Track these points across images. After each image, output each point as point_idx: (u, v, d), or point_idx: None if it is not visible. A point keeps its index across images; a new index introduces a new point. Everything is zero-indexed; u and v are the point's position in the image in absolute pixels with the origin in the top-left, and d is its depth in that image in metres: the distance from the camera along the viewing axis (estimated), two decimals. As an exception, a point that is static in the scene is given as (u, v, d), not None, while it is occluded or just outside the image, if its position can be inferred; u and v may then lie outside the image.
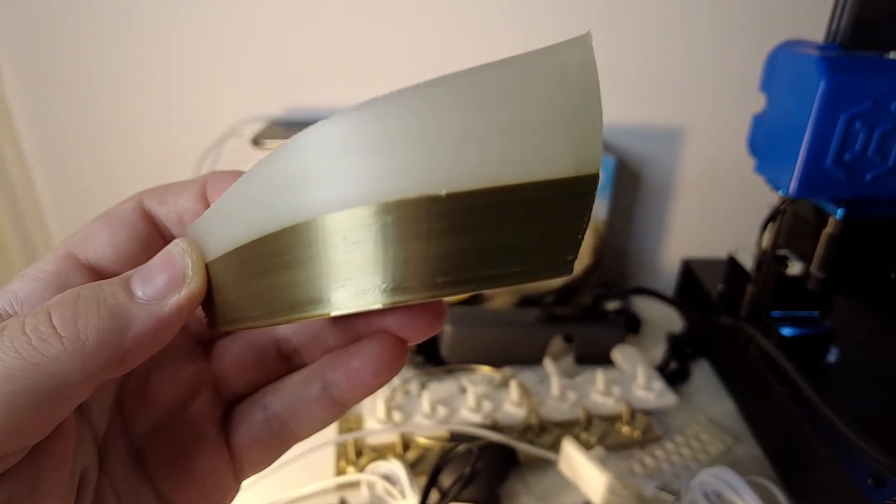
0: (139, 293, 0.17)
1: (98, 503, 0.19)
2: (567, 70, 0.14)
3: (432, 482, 0.41)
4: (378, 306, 0.14)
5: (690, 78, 0.67)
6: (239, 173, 0.19)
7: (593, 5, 0.63)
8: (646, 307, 0.69)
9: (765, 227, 0.47)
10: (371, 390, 0.21)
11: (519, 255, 0.15)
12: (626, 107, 0.68)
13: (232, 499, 0.23)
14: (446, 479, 0.44)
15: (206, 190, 0.20)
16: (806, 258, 0.46)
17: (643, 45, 0.65)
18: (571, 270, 0.16)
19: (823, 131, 0.39)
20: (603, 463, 0.42)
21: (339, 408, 0.22)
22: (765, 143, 0.46)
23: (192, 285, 0.17)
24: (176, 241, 0.18)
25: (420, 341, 0.22)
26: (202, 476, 0.22)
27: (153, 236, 0.21)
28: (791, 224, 0.47)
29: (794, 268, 0.47)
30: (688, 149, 0.70)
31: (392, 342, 0.21)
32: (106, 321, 0.16)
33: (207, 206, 0.20)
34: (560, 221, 0.15)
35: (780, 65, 0.44)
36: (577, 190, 0.15)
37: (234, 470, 0.23)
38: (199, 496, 0.22)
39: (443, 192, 0.14)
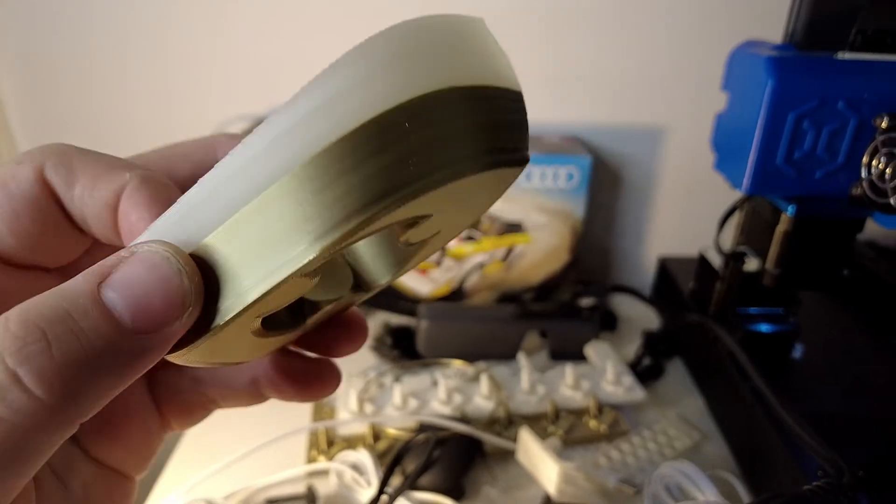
0: (128, 323, 0.14)
1: None
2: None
3: (391, 471, 0.43)
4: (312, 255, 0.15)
5: (671, 78, 0.68)
6: (160, 183, 0.18)
7: (575, 4, 0.64)
8: (625, 305, 0.70)
9: (721, 225, 0.48)
10: (295, 399, 0.22)
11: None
12: (606, 107, 0.69)
13: (158, 448, 0.23)
14: (409, 468, 0.45)
15: (120, 198, 0.17)
16: (762, 255, 0.46)
17: (624, 45, 0.66)
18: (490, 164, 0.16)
19: (773, 130, 0.40)
20: (558, 453, 0.43)
21: (263, 398, 0.23)
22: (723, 141, 0.46)
23: (193, 315, 0.15)
24: (160, 250, 0.15)
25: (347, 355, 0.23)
26: (131, 435, 0.22)
27: (59, 218, 0.18)
28: (749, 221, 0.48)
29: (751, 264, 0.47)
30: (668, 148, 0.71)
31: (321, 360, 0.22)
32: (94, 369, 0.14)
33: (115, 217, 0.18)
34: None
35: (736, 65, 0.45)
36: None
37: (161, 427, 0.23)
38: (128, 453, 0.22)
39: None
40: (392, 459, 0.43)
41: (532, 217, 0.64)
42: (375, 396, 0.53)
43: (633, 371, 0.57)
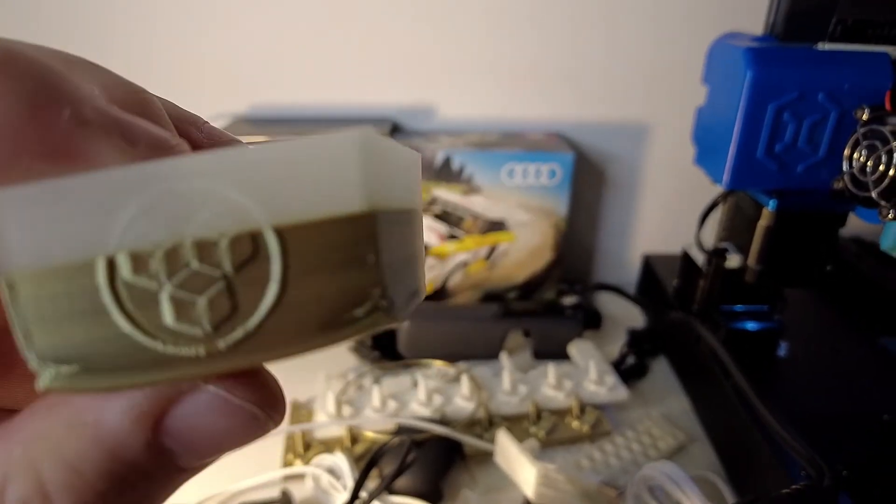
0: (185, 464, 0.13)
1: None
2: None
3: (365, 475, 0.42)
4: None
5: (653, 73, 0.67)
6: None
7: (559, 1, 0.63)
8: (610, 303, 0.69)
9: (702, 221, 0.47)
10: None
11: None
12: (589, 103, 0.68)
13: None
14: (387, 471, 0.44)
15: None
16: (745, 251, 0.45)
17: (606, 41, 0.65)
18: None
19: (753, 122, 0.39)
20: (536, 454, 0.42)
21: None
22: (703, 135, 0.46)
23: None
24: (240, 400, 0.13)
25: None
26: None
27: None
28: (731, 217, 0.47)
29: (733, 261, 0.46)
30: (652, 144, 0.70)
31: None
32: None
33: None
34: None
35: (716, 57, 0.44)
36: None
37: None
38: None
39: None
40: (367, 463, 0.42)
41: (514, 215, 0.63)
42: (354, 398, 0.52)
43: (617, 370, 0.56)
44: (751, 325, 0.51)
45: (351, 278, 0.11)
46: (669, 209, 0.73)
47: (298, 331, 0.11)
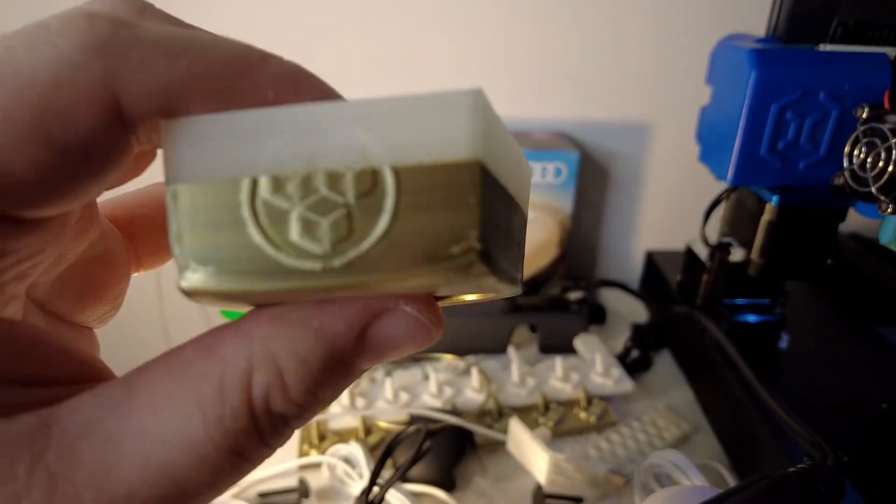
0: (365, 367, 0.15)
1: None
2: None
3: (381, 463, 0.43)
4: None
5: (657, 73, 0.68)
6: None
7: (562, 1, 0.65)
8: (614, 299, 0.70)
9: (707, 216, 0.49)
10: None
11: None
12: (593, 102, 0.69)
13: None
14: (401, 460, 0.45)
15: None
16: (748, 245, 0.47)
17: (611, 41, 0.67)
18: None
19: (756, 121, 0.41)
20: (547, 443, 0.44)
21: None
22: (707, 133, 0.47)
23: None
24: (425, 316, 0.15)
25: None
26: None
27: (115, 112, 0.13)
28: (734, 212, 0.48)
29: (736, 255, 0.48)
30: (655, 143, 0.71)
31: None
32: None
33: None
34: None
35: (720, 58, 0.45)
36: None
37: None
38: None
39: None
40: (383, 451, 0.43)
41: (521, 212, 0.65)
42: (367, 390, 0.54)
43: (622, 363, 0.58)
44: (753, 318, 0.52)
45: (451, 217, 0.13)
46: (671, 206, 0.75)
47: (402, 258, 0.13)
